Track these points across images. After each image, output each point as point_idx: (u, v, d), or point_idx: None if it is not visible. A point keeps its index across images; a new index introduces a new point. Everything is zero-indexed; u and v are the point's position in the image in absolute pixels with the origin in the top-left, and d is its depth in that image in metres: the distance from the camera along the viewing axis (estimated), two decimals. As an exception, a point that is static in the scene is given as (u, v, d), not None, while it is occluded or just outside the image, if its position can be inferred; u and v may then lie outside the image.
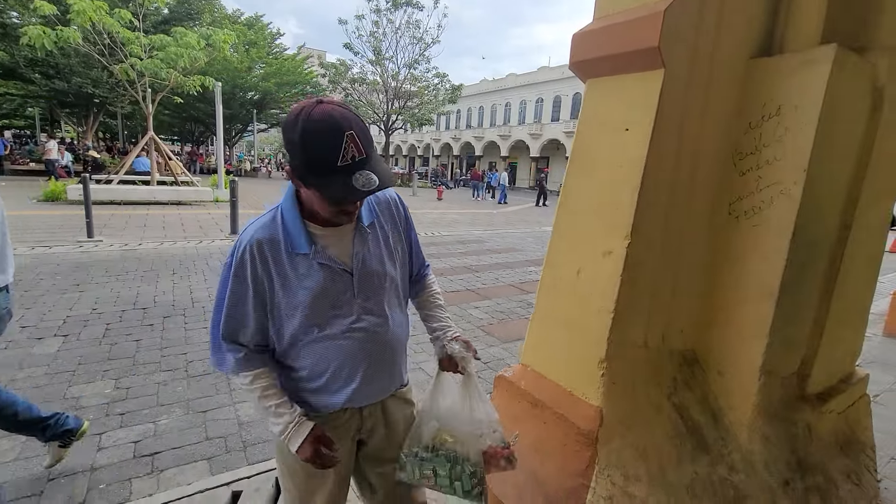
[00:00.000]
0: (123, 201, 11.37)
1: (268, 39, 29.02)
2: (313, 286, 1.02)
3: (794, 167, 1.42)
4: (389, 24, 27.25)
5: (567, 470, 1.45)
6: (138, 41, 11.15)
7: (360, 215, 1.07)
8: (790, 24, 1.51)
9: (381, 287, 1.12)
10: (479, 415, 1.17)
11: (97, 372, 3.03)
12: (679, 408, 1.58)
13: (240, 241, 1.02)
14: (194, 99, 21.34)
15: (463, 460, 1.15)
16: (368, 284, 1.09)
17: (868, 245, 1.83)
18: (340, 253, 1.06)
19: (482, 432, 1.17)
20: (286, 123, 0.89)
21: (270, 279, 1.02)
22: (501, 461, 1.19)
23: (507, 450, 1.20)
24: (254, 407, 1.10)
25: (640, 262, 1.42)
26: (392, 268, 1.15)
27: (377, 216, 1.13)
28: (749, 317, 1.56)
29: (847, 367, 2.01)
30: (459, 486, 1.14)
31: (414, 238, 1.26)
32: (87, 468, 2.12)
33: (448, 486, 1.15)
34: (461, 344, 1.19)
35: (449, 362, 1.22)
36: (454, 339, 1.21)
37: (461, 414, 1.16)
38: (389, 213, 1.16)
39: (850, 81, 1.45)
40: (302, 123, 0.86)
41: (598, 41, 1.45)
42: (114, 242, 7.00)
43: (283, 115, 22.97)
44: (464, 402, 1.17)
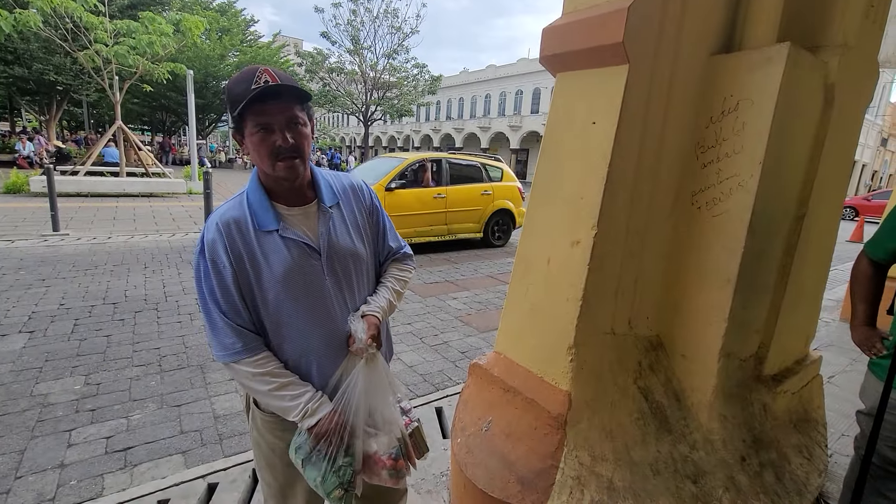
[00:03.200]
0: (91, 193, 10.97)
1: (242, 27, 28.19)
2: (284, 264, 1.02)
3: (751, 160, 1.49)
4: (367, 12, 26.81)
5: (537, 452, 1.50)
6: (103, 26, 10.69)
7: (321, 196, 1.10)
8: (748, 22, 1.57)
9: (350, 266, 1.13)
10: (378, 414, 1.07)
11: (66, 368, 2.96)
12: (644, 391, 1.65)
13: (207, 226, 1.02)
14: (164, 87, 20.65)
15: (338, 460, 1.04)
16: (337, 263, 1.10)
17: (821, 234, 1.93)
18: (307, 231, 1.07)
19: (372, 434, 1.08)
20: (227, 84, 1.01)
21: (241, 259, 1.00)
22: (383, 472, 1.09)
23: (394, 461, 1.09)
24: (259, 394, 1.05)
25: (607, 251, 1.48)
26: (361, 247, 1.16)
27: (340, 198, 1.15)
28: (710, 302, 1.63)
29: (802, 350, 2.12)
30: (320, 482, 1.03)
31: (384, 222, 1.27)
32: (57, 465, 2.09)
33: (313, 479, 1.04)
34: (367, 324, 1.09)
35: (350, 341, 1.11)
36: (364, 315, 1.12)
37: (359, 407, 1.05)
38: (354, 196, 1.19)
39: (803, 78, 1.52)
40: (232, 78, 0.99)
41: (567, 36, 1.48)
42: (81, 236, 6.77)
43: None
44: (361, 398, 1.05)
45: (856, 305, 1.61)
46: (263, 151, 0.98)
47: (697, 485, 1.56)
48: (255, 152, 0.99)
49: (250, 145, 0.99)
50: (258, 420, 1.16)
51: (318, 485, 1.05)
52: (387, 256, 1.30)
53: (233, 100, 0.96)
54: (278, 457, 1.16)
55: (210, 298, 1.00)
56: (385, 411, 1.10)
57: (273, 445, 1.16)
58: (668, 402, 1.67)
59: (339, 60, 28.79)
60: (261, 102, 0.94)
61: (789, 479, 1.80)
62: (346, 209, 1.15)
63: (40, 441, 2.24)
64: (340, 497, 1.04)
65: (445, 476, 1.97)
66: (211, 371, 3.04)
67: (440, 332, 4.02)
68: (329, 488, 1.03)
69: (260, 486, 1.30)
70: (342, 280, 1.11)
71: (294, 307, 1.05)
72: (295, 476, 1.17)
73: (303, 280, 1.05)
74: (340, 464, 1.04)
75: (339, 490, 1.03)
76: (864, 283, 1.58)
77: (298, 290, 1.04)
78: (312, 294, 1.06)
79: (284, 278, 1.03)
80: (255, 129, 0.96)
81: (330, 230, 1.09)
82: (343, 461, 1.04)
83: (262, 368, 1.02)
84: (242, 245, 1.00)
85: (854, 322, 1.60)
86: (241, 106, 0.93)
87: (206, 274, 1.01)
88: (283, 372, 1.05)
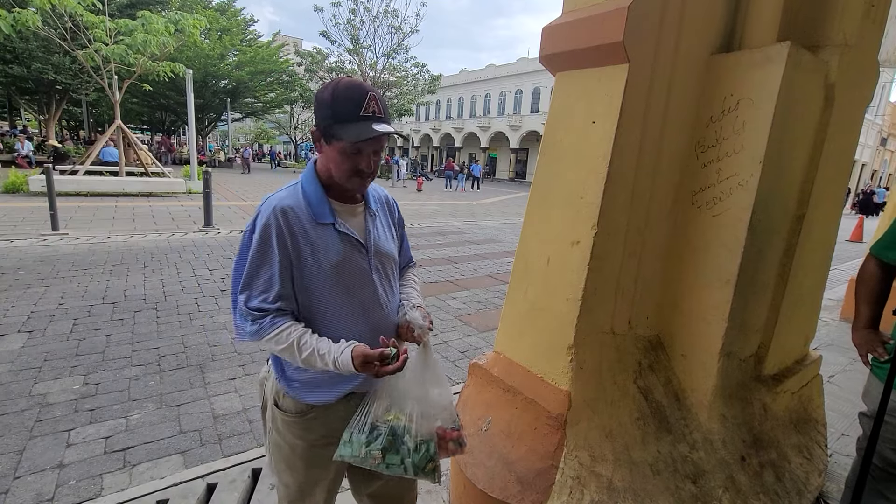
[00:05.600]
0: (90, 193, 10.95)
1: (241, 26, 28.13)
2: (338, 256, 1.07)
3: (751, 160, 1.48)
4: (367, 12, 26.80)
5: (537, 452, 1.50)
6: (102, 25, 10.67)
7: (368, 201, 1.18)
8: (749, 21, 1.57)
9: (389, 266, 1.21)
10: (433, 394, 1.15)
11: (65, 368, 2.95)
12: (644, 390, 1.65)
13: (262, 209, 1.04)
14: (164, 86, 20.65)
15: (416, 438, 1.11)
16: (380, 261, 1.17)
17: (821, 234, 1.93)
18: (356, 228, 1.13)
19: (434, 412, 1.15)
20: (319, 91, 1.05)
21: (297, 247, 1.04)
22: (450, 444, 1.17)
23: (458, 432, 1.18)
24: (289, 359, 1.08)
25: (607, 251, 1.47)
26: (395, 251, 1.26)
27: (379, 205, 1.24)
28: (710, 302, 1.63)
29: (801, 350, 2.12)
30: (411, 463, 1.10)
31: (404, 235, 1.35)
32: (56, 465, 2.08)
33: (398, 464, 1.11)
34: (422, 313, 1.19)
35: (406, 330, 1.20)
36: (416, 307, 1.23)
37: (415, 391, 1.13)
38: (388, 207, 1.28)
39: (803, 78, 1.52)
40: (333, 85, 1.02)
41: (566, 35, 1.47)
42: (80, 235, 6.75)
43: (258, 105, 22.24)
44: (419, 380, 1.13)
45: (860, 307, 1.59)
46: (347, 167, 1.04)
47: (697, 485, 1.56)
48: (338, 164, 1.04)
49: (335, 156, 1.03)
50: (279, 421, 1.16)
51: (407, 466, 1.10)
52: (404, 264, 1.37)
53: (335, 113, 1.01)
54: (299, 457, 1.17)
55: (237, 281, 1.04)
56: (442, 390, 1.17)
57: (294, 446, 1.17)
58: (667, 401, 1.67)
59: (338, 60, 28.79)
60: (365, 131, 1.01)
61: (789, 478, 1.79)
62: (381, 216, 1.23)
63: (39, 441, 2.24)
64: (434, 469, 1.13)
65: (445, 476, 1.97)
66: (210, 371, 3.04)
67: (440, 332, 4.01)
68: (422, 463, 1.11)
69: (276, 488, 1.29)
70: (383, 276, 1.18)
71: (344, 298, 1.09)
72: (318, 477, 1.20)
73: (354, 272, 1.10)
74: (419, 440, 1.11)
75: (431, 463, 1.12)
76: (870, 284, 1.56)
77: (350, 280, 1.10)
78: (364, 286, 1.12)
79: (337, 269, 1.07)
80: (349, 148, 1.02)
81: (375, 231, 1.17)
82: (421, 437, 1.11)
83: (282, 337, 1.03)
84: (300, 234, 1.04)
85: (856, 323, 1.59)
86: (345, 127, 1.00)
87: (246, 252, 1.03)
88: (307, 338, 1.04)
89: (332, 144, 1.03)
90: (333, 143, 1.02)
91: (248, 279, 1.02)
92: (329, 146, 1.04)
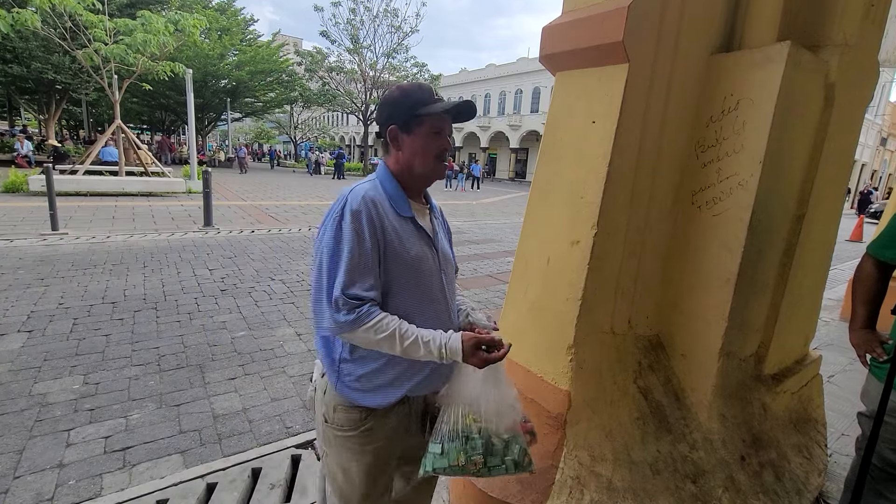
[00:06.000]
0: (90, 192, 10.94)
1: (241, 26, 28.12)
2: (417, 248, 1.10)
3: (751, 159, 1.48)
4: (367, 11, 26.78)
5: (537, 452, 1.49)
6: (102, 25, 10.66)
7: (432, 205, 1.23)
8: (749, 21, 1.57)
9: (450, 269, 1.24)
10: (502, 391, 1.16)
11: (64, 368, 2.95)
12: (644, 390, 1.65)
13: (349, 198, 1.03)
14: (164, 86, 20.64)
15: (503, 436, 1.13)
16: (445, 262, 1.20)
17: (821, 233, 1.93)
18: (427, 228, 1.16)
19: (505, 409, 1.16)
20: (386, 96, 1.13)
21: (386, 236, 1.04)
22: (527, 436, 1.20)
23: (530, 423, 1.22)
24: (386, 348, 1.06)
25: (607, 250, 1.47)
26: (452, 256, 1.29)
27: (438, 212, 1.27)
28: (710, 302, 1.63)
29: (801, 349, 2.12)
30: (511, 461, 1.13)
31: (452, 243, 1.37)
32: (56, 465, 2.08)
33: (499, 465, 1.13)
34: (485, 314, 1.24)
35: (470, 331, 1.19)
36: (476, 310, 1.27)
37: (485, 391, 1.13)
38: (443, 216, 1.31)
39: (803, 77, 1.52)
40: (397, 87, 1.11)
41: (566, 35, 1.47)
42: (80, 235, 6.75)
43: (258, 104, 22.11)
44: (487, 379, 1.13)
45: (856, 307, 1.59)
46: (432, 151, 1.09)
47: (697, 484, 1.56)
48: (423, 151, 1.09)
49: (420, 143, 1.08)
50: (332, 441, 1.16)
51: (508, 464, 1.13)
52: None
53: (412, 103, 1.08)
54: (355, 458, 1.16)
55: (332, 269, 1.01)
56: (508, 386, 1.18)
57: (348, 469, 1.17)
58: (667, 401, 1.67)
59: (338, 59, 28.77)
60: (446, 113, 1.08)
61: (789, 478, 1.79)
62: (440, 221, 1.27)
63: (39, 441, 2.24)
64: (531, 460, 1.17)
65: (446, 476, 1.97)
66: (210, 371, 3.04)
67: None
68: (521, 458, 1.15)
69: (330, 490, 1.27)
70: (447, 277, 1.20)
71: (418, 293, 1.10)
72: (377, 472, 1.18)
73: (427, 269, 1.12)
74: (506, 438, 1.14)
75: (527, 455, 1.16)
76: (867, 284, 1.56)
77: (424, 277, 1.11)
78: (433, 284, 1.13)
79: (415, 261, 1.09)
80: (432, 130, 1.08)
81: (439, 232, 1.22)
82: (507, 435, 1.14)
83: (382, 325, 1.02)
84: (387, 223, 1.05)
85: (853, 324, 1.59)
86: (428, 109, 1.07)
87: (339, 241, 1.01)
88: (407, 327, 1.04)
89: (414, 133, 1.08)
90: (416, 131, 1.08)
91: (345, 266, 0.99)
92: (411, 136, 1.08)
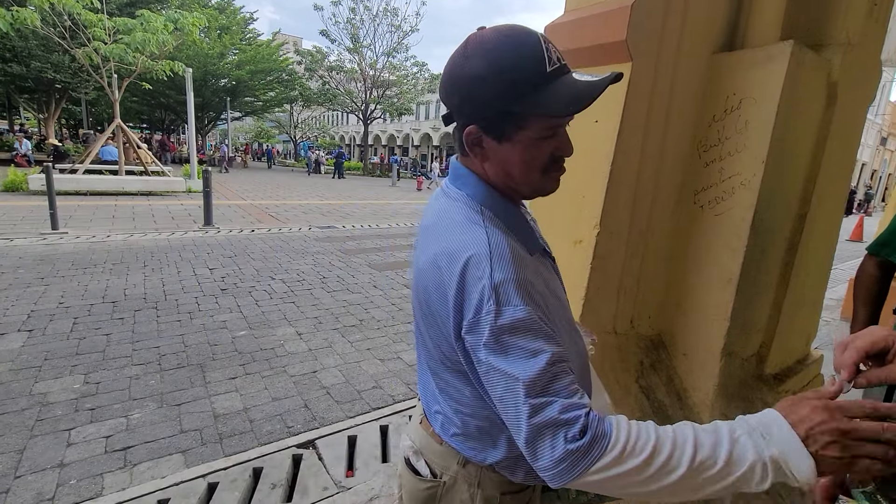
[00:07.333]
0: (90, 192, 10.94)
1: (241, 24, 28.10)
2: (558, 288, 0.82)
3: (754, 159, 1.48)
4: (366, 10, 26.79)
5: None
6: (101, 24, 10.66)
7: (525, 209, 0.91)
8: (751, 20, 1.56)
9: None
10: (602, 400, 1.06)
11: (65, 367, 2.95)
12: (646, 390, 1.65)
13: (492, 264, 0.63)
14: (164, 85, 20.62)
15: None
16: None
17: (823, 233, 1.92)
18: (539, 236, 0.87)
19: None
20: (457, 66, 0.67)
21: (542, 293, 0.69)
22: None
23: None
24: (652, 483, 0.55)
25: (610, 250, 1.47)
26: None
27: None
28: (712, 301, 1.63)
29: (803, 349, 2.12)
30: None
31: None
32: (56, 464, 2.08)
33: None
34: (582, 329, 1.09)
35: None
36: None
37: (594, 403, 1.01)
38: None
39: (806, 77, 1.51)
40: (479, 51, 0.64)
41: (569, 34, 1.47)
42: (80, 234, 6.75)
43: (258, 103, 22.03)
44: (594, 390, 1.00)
45: (857, 308, 1.59)
46: (542, 159, 0.71)
47: (699, 484, 1.55)
48: (528, 161, 0.70)
49: (520, 154, 0.69)
50: None
51: None
52: None
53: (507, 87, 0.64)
54: None
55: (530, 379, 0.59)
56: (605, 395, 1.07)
57: None
58: (669, 401, 1.67)
59: (338, 58, 28.81)
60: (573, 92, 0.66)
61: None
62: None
63: (39, 440, 2.23)
64: None
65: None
66: (210, 370, 3.03)
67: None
68: None
69: None
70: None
71: (570, 337, 0.81)
72: None
73: (564, 302, 0.85)
74: None
75: None
76: (869, 285, 1.55)
77: (567, 312, 0.84)
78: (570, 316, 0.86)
79: (563, 305, 0.81)
80: (541, 134, 0.69)
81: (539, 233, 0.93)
82: None
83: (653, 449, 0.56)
84: (532, 273, 0.69)
85: (855, 325, 1.59)
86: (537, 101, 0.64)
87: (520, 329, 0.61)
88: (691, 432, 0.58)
89: (514, 139, 0.68)
90: (518, 135, 0.68)
91: (539, 371, 0.59)
92: (505, 144, 0.69)
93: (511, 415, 0.61)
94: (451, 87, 0.68)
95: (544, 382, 0.59)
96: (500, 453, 0.79)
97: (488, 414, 0.77)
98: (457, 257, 0.66)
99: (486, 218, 0.71)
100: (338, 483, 2.00)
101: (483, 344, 0.63)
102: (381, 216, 11.25)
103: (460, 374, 0.75)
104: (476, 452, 0.80)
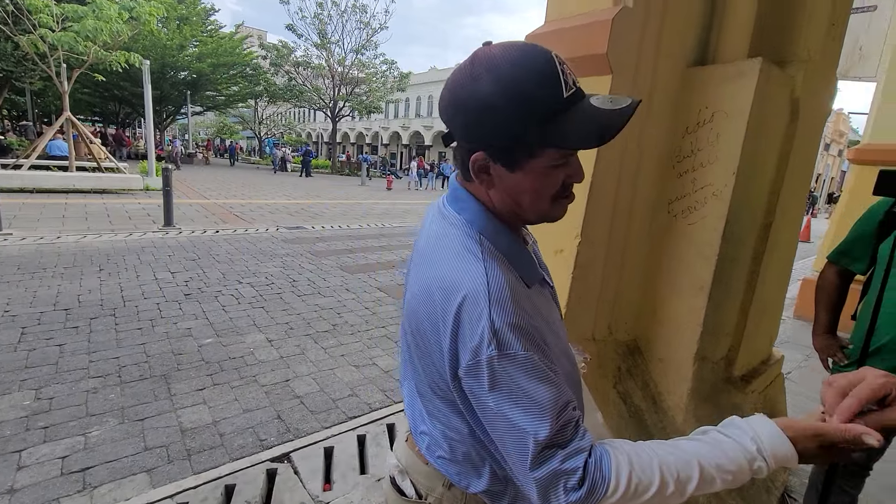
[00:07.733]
0: (36, 189, 10.25)
1: (201, 15, 26.99)
2: (555, 320, 0.80)
3: (725, 170, 1.53)
4: (334, 6, 26.31)
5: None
6: (48, 10, 9.99)
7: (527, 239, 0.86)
8: (722, 36, 1.62)
9: None
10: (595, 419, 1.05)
11: (13, 382, 2.74)
12: (623, 395, 1.68)
13: (491, 307, 0.61)
14: (118, 77, 19.54)
15: None
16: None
17: (785, 241, 2.02)
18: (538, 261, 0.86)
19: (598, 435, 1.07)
20: (468, 90, 0.61)
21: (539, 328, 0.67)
22: None
23: None
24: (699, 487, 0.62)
25: (590, 259, 1.49)
26: None
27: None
28: (685, 308, 1.68)
29: (766, 350, 2.23)
30: None
31: None
32: (6, 490, 1.93)
33: None
34: (575, 348, 1.08)
35: None
36: None
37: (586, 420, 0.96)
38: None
39: (773, 91, 1.58)
40: (488, 73, 0.60)
41: (550, 45, 1.47)
42: (27, 235, 6.31)
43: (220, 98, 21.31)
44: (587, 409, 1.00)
45: (819, 313, 1.68)
46: (554, 188, 0.67)
47: (675, 486, 1.60)
48: (539, 189, 0.67)
49: (531, 182, 0.66)
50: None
51: None
52: None
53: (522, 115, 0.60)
54: None
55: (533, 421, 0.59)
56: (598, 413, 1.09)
57: None
58: (645, 405, 1.71)
59: (305, 54, 28.16)
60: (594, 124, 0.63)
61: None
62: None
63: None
64: None
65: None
66: (175, 381, 2.90)
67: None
68: None
69: None
70: None
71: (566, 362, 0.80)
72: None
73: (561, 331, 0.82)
74: None
75: None
76: (829, 291, 1.64)
77: (563, 341, 0.81)
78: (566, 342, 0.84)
79: (562, 335, 0.80)
80: (553, 162, 0.65)
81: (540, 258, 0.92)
82: None
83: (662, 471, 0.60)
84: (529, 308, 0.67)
85: (817, 329, 1.68)
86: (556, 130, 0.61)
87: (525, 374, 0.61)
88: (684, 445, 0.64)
89: (525, 167, 0.65)
90: (529, 164, 0.64)
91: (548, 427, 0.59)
92: (517, 172, 0.66)
93: (513, 459, 0.63)
94: (455, 109, 0.64)
95: (552, 435, 0.59)
96: (483, 483, 0.78)
97: (475, 443, 0.76)
98: (453, 293, 0.64)
99: (484, 249, 0.68)
100: (315, 498, 1.95)
101: (485, 389, 0.62)
102: (351, 216, 11.08)
103: (451, 402, 0.74)
104: (460, 478, 0.80)
